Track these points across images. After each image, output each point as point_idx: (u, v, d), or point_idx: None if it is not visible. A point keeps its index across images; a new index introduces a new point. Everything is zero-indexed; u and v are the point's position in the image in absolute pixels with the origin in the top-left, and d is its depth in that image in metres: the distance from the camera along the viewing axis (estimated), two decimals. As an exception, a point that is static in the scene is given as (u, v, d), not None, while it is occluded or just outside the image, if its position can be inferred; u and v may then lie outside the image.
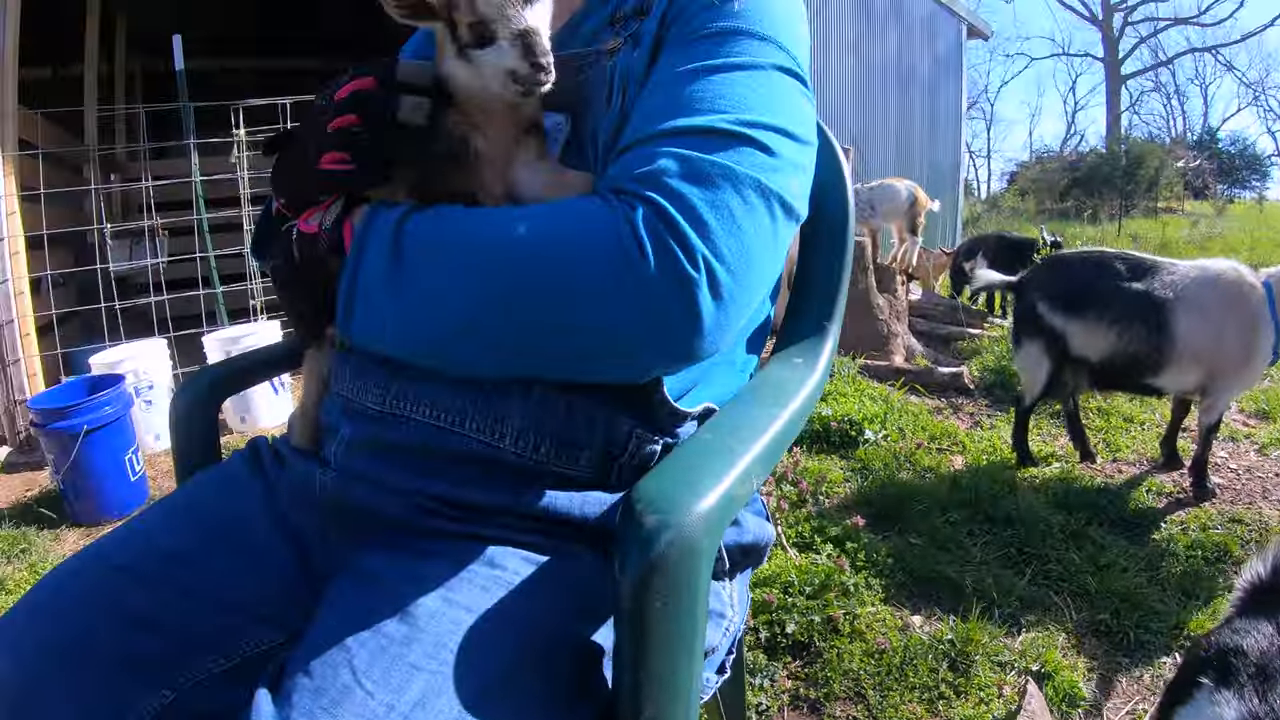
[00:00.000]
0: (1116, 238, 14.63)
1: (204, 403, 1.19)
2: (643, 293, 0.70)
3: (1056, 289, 3.31)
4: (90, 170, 6.17)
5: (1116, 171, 21.14)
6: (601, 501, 0.87)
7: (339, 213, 0.84)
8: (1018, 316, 3.51)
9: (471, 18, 0.79)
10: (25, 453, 4.14)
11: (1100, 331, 3.16)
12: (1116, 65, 31.30)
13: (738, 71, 0.82)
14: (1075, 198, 21.98)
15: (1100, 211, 19.96)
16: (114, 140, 7.78)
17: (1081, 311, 3.21)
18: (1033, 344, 3.38)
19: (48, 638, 0.81)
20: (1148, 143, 24.86)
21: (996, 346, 5.44)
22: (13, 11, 4.14)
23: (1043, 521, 2.86)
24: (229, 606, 0.86)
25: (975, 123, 39.94)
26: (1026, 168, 29.42)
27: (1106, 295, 3.15)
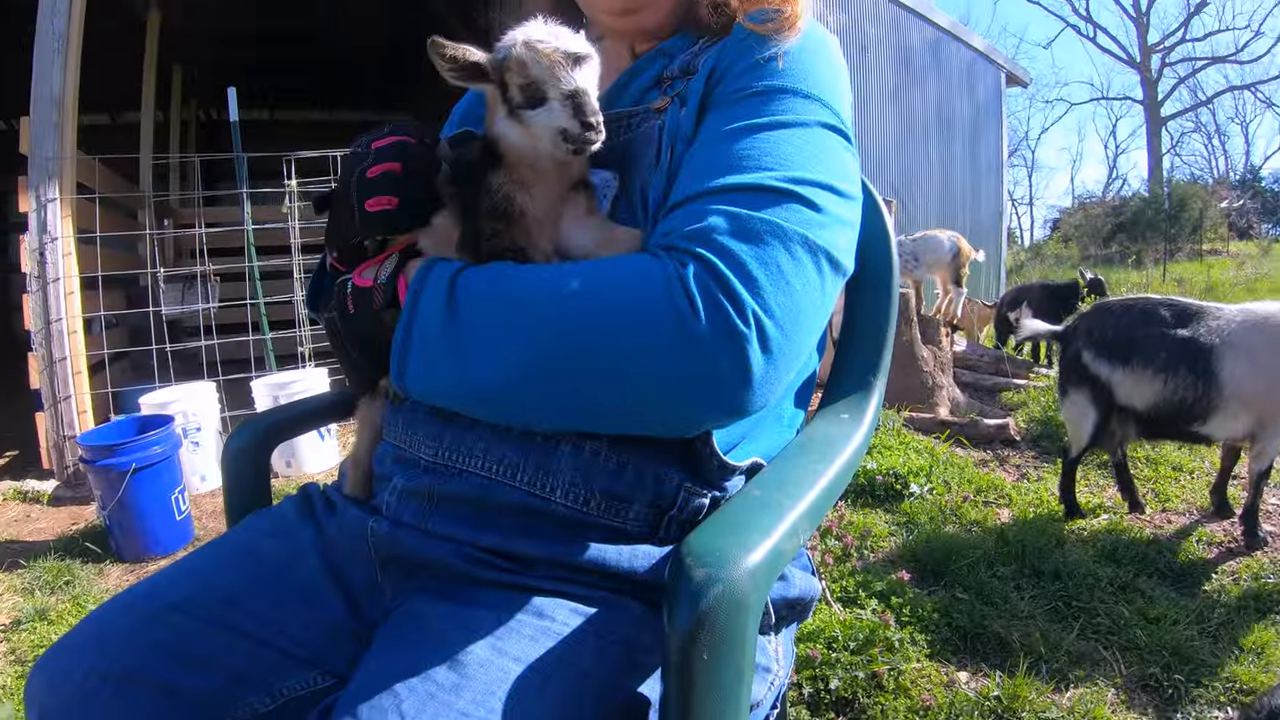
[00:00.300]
0: (1161, 282, 14.39)
1: (256, 448, 1.22)
2: (694, 348, 0.71)
3: (1101, 338, 3.26)
4: (145, 215, 6.40)
5: (1160, 215, 20.85)
6: (650, 555, 0.87)
7: (393, 267, 0.87)
8: (1063, 366, 3.45)
9: (523, 79, 0.82)
10: (72, 487, 4.24)
11: (1146, 379, 3.09)
12: (1156, 107, 31.07)
13: (783, 129, 0.84)
14: (1119, 243, 21.70)
15: (1144, 256, 19.68)
16: (168, 187, 8.06)
17: (1127, 360, 3.15)
18: (1079, 394, 3.32)
19: (97, 669, 0.82)
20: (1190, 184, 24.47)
21: (1043, 397, 5.34)
22: (73, 60, 4.34)
23: (1091, 574, 2.78)
24: (277, 648, 0.88)
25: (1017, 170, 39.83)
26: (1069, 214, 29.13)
27: (1152, 342, 3.10)
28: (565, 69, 0.82)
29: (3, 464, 4.92)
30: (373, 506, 0.97)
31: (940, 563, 2.86)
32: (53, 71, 4.26)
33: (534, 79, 0.82)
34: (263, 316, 5.08)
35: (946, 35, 10.50)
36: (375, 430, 1.01)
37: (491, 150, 0.87)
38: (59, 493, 4.19)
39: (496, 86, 0.85)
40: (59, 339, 4.28)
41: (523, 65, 0.82)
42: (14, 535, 3.67)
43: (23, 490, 4.21)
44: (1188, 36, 30.81)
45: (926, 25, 10.13)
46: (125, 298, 5.70)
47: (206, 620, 0.87)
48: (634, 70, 1.02)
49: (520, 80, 0.82)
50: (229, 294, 5.88)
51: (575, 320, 0.74)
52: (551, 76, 0.82)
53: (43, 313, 4.25)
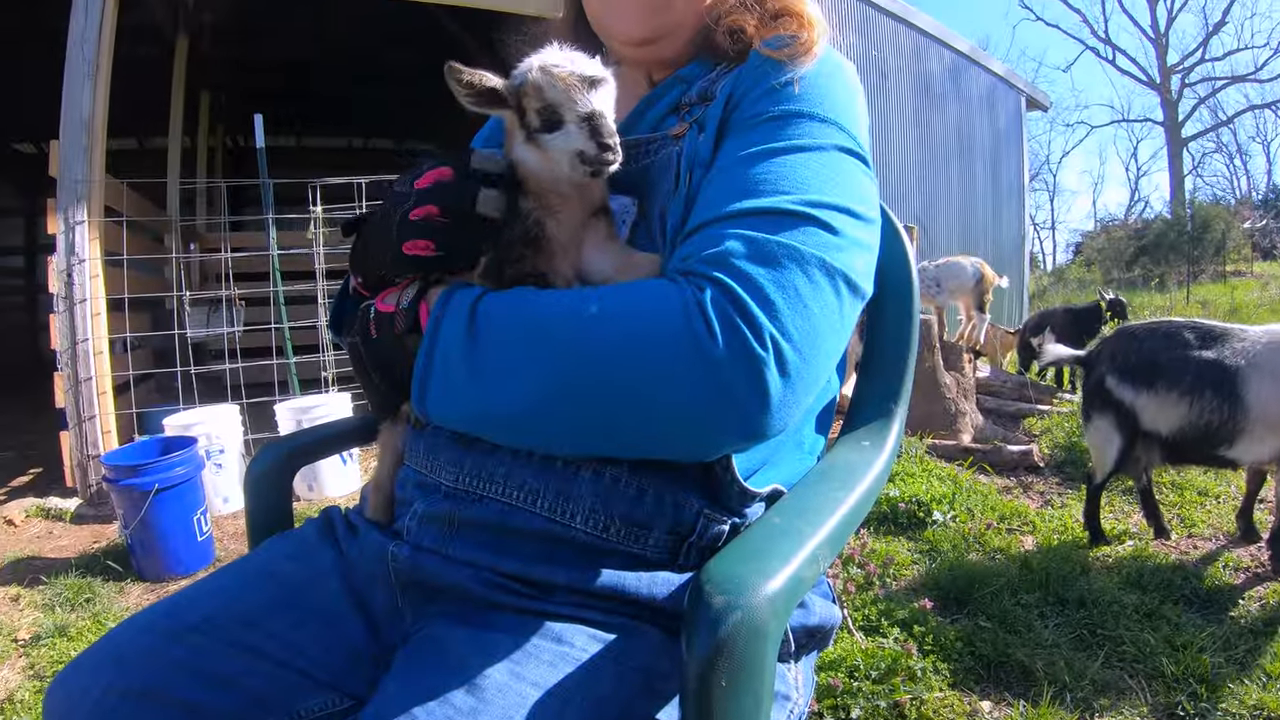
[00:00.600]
0: (1185, 305, 14.23)
1: (279, 471, 1.23)
2: (712, 372, 0.71)
3: (1125, 362, 3.22)
4: (171, 239, 6.49)
5: (1182, 237, 20.66)
6: (669, 582, 0.87)
7: (415, 293, 0.88)
8: (1087, 391, 3.42)
9: (539, 103, 0.84)
10: (95, 506, 4.28)
11: (1170, 404, 3.05)
12: (1177, 128, 30.88)
13: (800, 153, 0.85)
14: (1142, 266, 21.51)
15: (1167, 279, 19.49)
16: (195, 211, 8.20)
17: (1151, 384, 3.12)
18: (1103, 419, 3.28)
19: (115, 686, 0.83)
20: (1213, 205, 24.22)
21: (1066, 423, 5.29)
22: (102, 85, 4.42)
23: (1116, 601, 2.73)
24: (296, 669, 0.88)
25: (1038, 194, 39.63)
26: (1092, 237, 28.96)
27: (1175, 366, 3.06)
28: (581, 92, 0.83)
29: (26, 481, 4.99)
30: (394, 531, 0.97)
31: (963, 591, 2.83)
32: (82, 96, 4.34)
33: (550, 103, 0.83)
34: (287, 341, 5.13)
35: (966, 60, 10.51)
36: (397, 455, 1.02)
37: (511, 175, 0.87)
38: (81, 511, 4.23)
39: (514, 112, 0.86)
40: (85, 359, 4.33)
41: (539, 90, 0.83)
42: (36, 552, 3.71)
43: (46, 508, 4.26)
44: (1207, 56, 30.69)
45: (946, 50, 10.14)
46: (151, 320, 5.78)
47: (227, 640, 0.88)
48: (652, 97, 1.04)
49: (537, 104, 0.84)
50: (253, 318, 5.95)
51: (594, 345, 0.74)
52: (567, 100, 0.83)
53: (69, 333, 4.30)
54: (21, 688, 2.49)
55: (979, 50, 11.00)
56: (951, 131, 10.36)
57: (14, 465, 5.46)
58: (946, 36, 10.13)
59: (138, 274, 5.35)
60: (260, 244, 5.52)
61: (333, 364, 5.22)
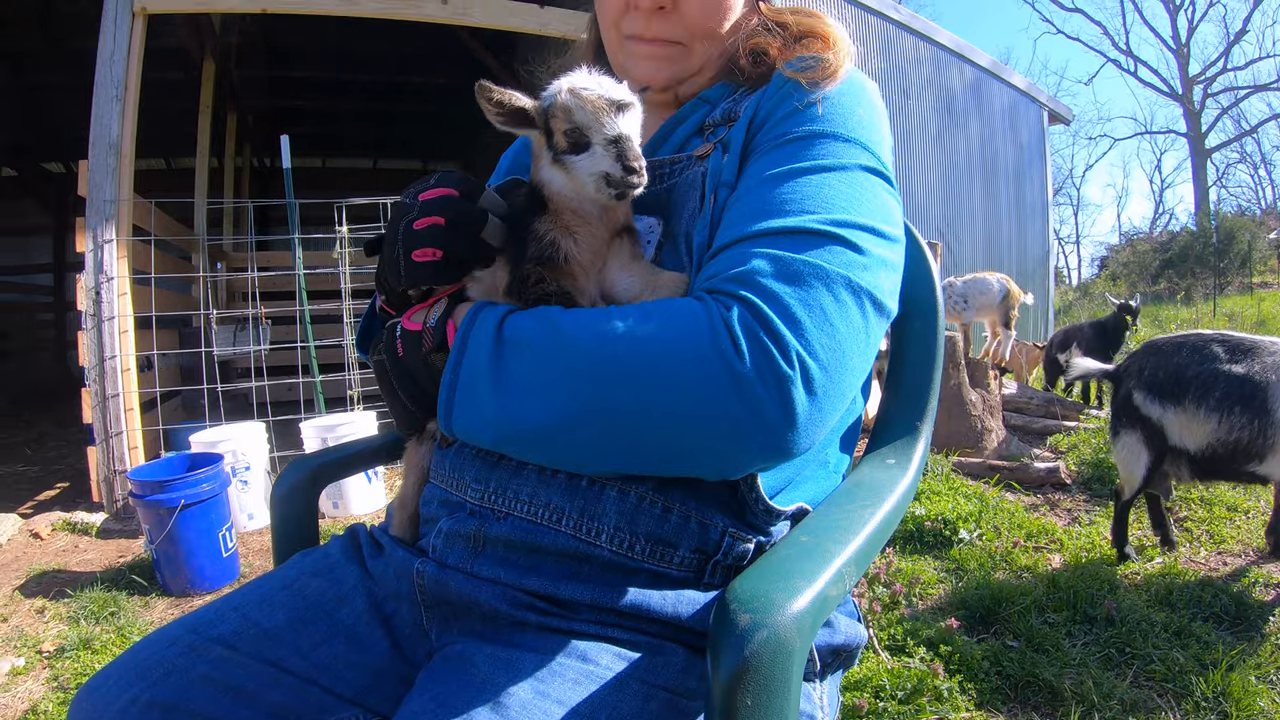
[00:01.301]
0: (1212, 318, 14.03)
1: (305, 488, 1.24)
2: (739, 389, 0.72)
3: (1152, 377, 3.17)
4: (198, 258, 6.59)
5: (1208, 249, 20.40)
6: (694, 600, 0.87)
7: (442, 312, 0.88)
8: (1115, 406, 3.37)
9: (567, 125, 0.84)
10: (121, 520, 4.33)
11: (1199, 420, 3.00)
12: (1200, 139, 30.52)
13: (825, 173, 0.85)
14: (1168, 279, 21.25)
15: (1193, 291, 19.23)
16: (222, 231, 8.32)
17: (1178, 400, 3.07)
18: (1130, 434, 3.24)
19: (140, 698, 0.84)
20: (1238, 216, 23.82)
21: (1093, 439, 5.23)
22: (131, 106, 4.51)
23: (1144, 619, 2.69)
24: (321, 685, 0.89)
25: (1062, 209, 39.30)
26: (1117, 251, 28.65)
27: (1203, 381, 3.01)
28: (609, 115, 0.84)
29: (53, 495, 5.06)
30: (419, 548, 0.98)
31: (990, 610, 2.79)
32: (111, 118, 4.44)
33: (578, 124, 0.84)
34: (313, 359, 5.18)
35: (987, 75, 10.47)
36: (422, 472, 1.02)
37: (537, 196, 0.88)
38: (107, 525, 4.28)
39: (541, 133, 0.87)
40: (112, 376, 4.40)
41: (567, 111, 0.84)
42: (61, 565, 3.75)
43: (72, 521, 4.31)
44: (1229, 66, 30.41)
45: (967, 65, 10.11)
46: (178, 338, 5.87)
47: (251, 655, 0.89)
48: (676, 118, 1.05)
49: (565, 126, 0.84)
50: (280, 336, 6.02)
51: (621, 362, 0.74)
52: (595, 122, 0.83)
53: (97, 350, 4.38)
54: (45, 699, 2.51)
55: (1000, 65, 10.94)
56: (974, 146, 10.31)
57: (41, 479, 5.55)
58: (968, 52, 10.10)
59: (165, 292, 5.43)
60: (286, 263, 5.59)
61: (358, 382, 5.26)
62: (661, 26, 1.03)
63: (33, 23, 7.21)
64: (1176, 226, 30.34)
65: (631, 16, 1.04)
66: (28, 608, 3.28)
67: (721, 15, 1.04)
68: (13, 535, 4.18)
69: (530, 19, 5.27)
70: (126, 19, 4.47)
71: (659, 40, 1.04)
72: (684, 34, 1.04)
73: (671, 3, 1.02)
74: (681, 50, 1.05)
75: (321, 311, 5.70)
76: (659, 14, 1.02)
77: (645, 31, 1.03)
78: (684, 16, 1.03)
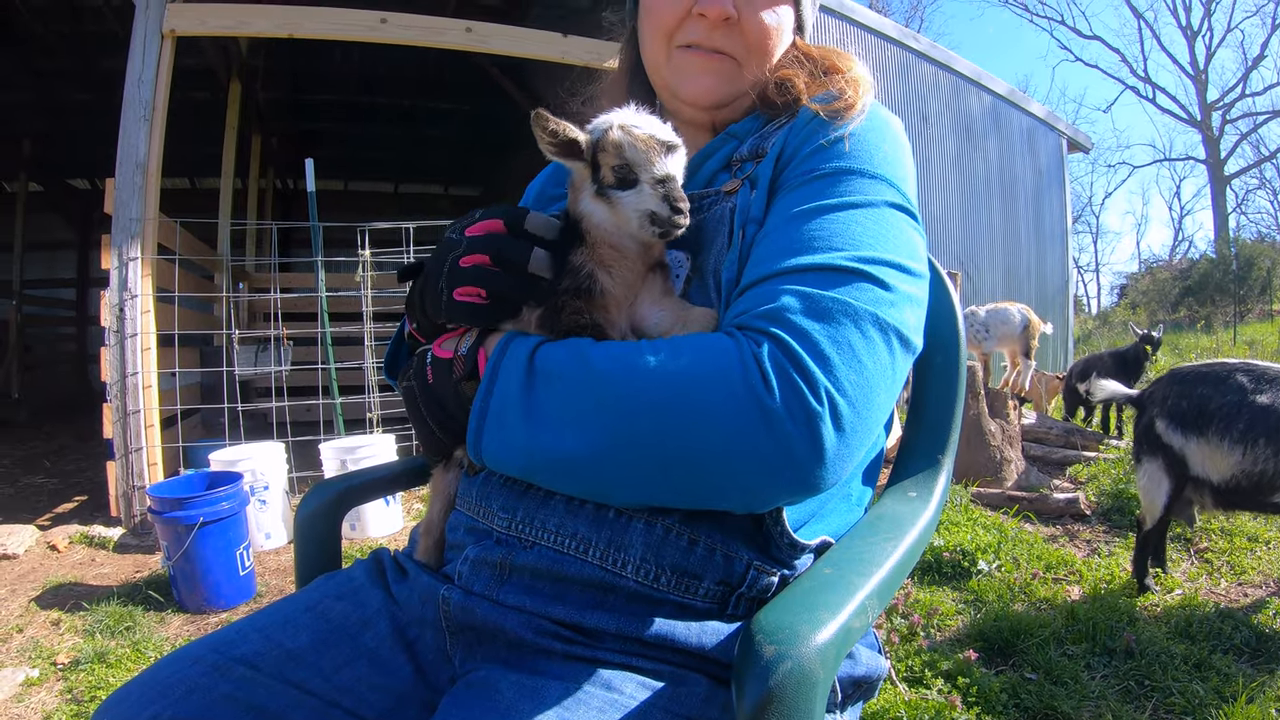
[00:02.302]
0: (1232, 346, 13.90)
1: (329, 512, 1.25)
2: (769, 425, 0.73)
3: (1176, 406, 3.14)
4: (221, 278, 6.67)
5: (1228, 276, 20.24)
6: (719, 631, 0.87)
7: (474, 341, 0.90)
8: (1137, 434, 3.34)
9: (617, 161, 0.86)
10: (139, 536, 4.35)
11: (1223, 451, 2.97)
12: (1220, 165, 30.29)
13: (851, 209, 0.87)
14: (1188, 306, 21.08)
15: (1214, 319, 19.06)
16: (245, 251, 8.42)
17: (1201, 430, 3.03)
18: (1152, 463, 3.21)
19: (163, 715, 0.84)
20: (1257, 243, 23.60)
21: (1114, 470, 5.19)
22: (158, 126, 4.58)
23: (1164, 652, 2.66)
24: (342, 708, 0.89)
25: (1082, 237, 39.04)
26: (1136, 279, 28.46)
27: (1227, 412, 2.97)
28: (659, 154, 0.86)
29: (71, 508, 5.09)
30: (444, 574, 0.98)
31: (1008, 641, 2.77)
32: (138, 137, 4.51)
33: (628, 161, 0.86)
34: (333, 381, 5.21)
35: (1006, 103, 10.48)
36: (448, 499, 1.03)
37: (575, 228, 0.90)
38: (125, 540, 4.31)
39: (587, 165, 0.89)
40: (134, 392, 4.44)
41: (618, 148, 0.86)
42: (78, 578, 3.78)
43: (89, 535, 4.34)
44: (1247, 91, 30.16)
45: (986, 94, 10.12)
46: (199, 356, 5.93)
47: (274, 676, 0.89)
48: (705, 153, 1.06)
49: (615, 161, 0.86)
50: (300, 357, 6.06)
51: (652, 396, 0.76)
52: (645, 161, 0.85)
53: (119, 366, 4.42)
54: (59, 710, 2.53)
55: (1018, 92, 10.96)
56: (994, 175, 10.30)
57: (60, 492, 5.59)
58: (986, 80, 10.13)
59: (188, 311, 5.49)
60: (308, 285, 5.65)
61: (378, 405, 5.28)
62: (723, 39, 1.04)
63: (62, 42, 7.37)
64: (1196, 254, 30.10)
65: (692, 24, 1.05)
66: (43, 619, 3.30)
67: (777, 38, 1.06)
68: (30, 546, 4.21)
69: (551, 47, 5.33)
70: (155, 41, 4.56)
71: (716, 53, 1.05)
72: (741, 50, 1.05)
73: (736, 15, 1.03)
74: (735, 67, 1.06)
75: (342, 334, 5.74)
76: (723, 25, 1.03)
77: (706, 40, 1.04)
78: (745, 32, 1.04)
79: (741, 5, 1.03)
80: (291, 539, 4.02)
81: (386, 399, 5.17)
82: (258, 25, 5.00)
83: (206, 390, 5.90)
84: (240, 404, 4.89)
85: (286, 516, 4.28)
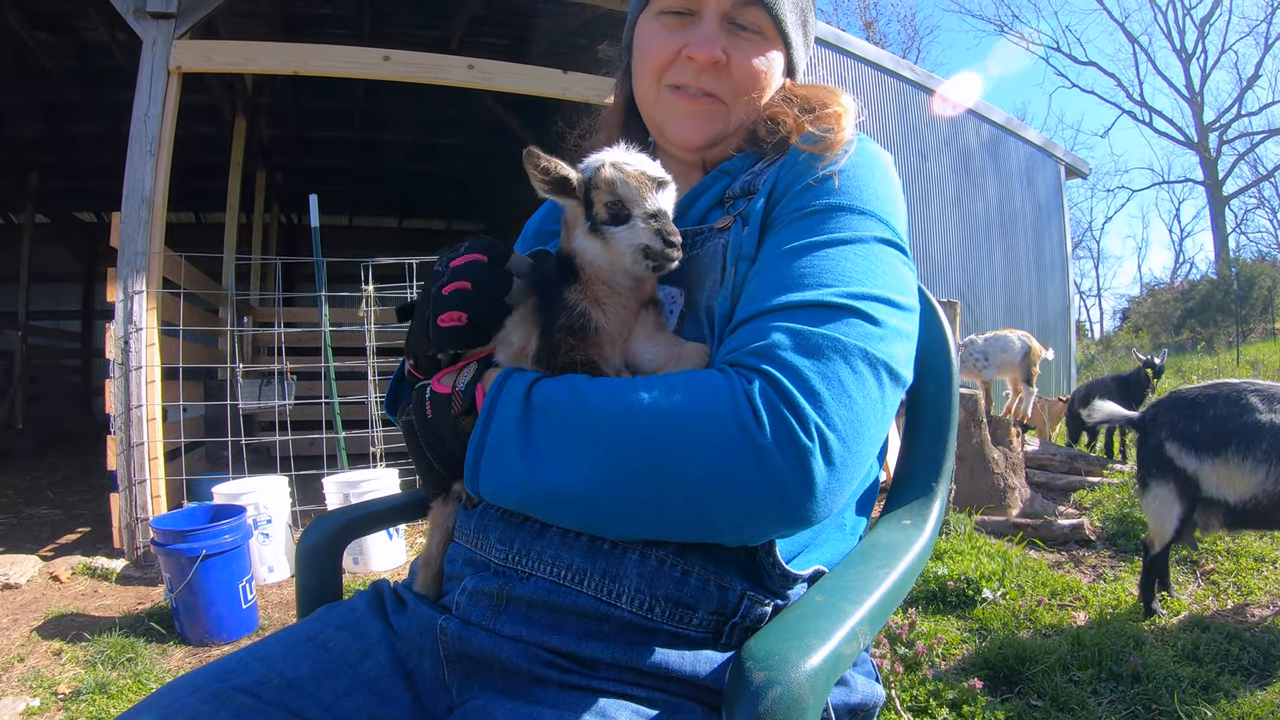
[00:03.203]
0: (1235, 366, 13.87)
1: (330, 544, 1.26)
2: (760, 460, 0.74)
3: (1187, 429, 3.12)
4: (226, 311, 6.72)
5: (1229, 296, 20.25)
6: (712, 660, 0.88)
7: (472, 376, 0.92)
8: (1143, 458, 3.32)
9: (610, 197, 0.88)
10: (141, 568, 4.34)
11: (1244, 472, 2.95)
12: (1218, 186, 30.24)
13: (842, 246, 0.89)
14: (1190, 328, 21.07)
15: (1216, 340, 19.04)
16: (249, 286, 8.47)
17: (1218, 452, 3.01)
18: (1162, 487, 3.18)
19: None
20: (1258, 262, 23.61)
21: (1118, 494, 5.18)
22: (164, 161, 4.64)
23: (1171, 675, 2.65)
24: None
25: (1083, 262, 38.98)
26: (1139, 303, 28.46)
27: (1246, 433, 2.96)
28: (651, 190, 0.88)
29: (74, 539, 5.09)
30: (443, 605, 1.00)
31: (1014, 669, 2.75)
32: (145, 172, 4.56)
33: (621, 198, 0.88)
34: (336, 415, 5.23)
35: (1003, 131, 10.55)
36: (447, 532, 1.04)
37: (567, 266, 0.92)
38: (128, 572, 4.31)
39: (580, 203, 0.91)
40: (138, 424, 4.45)
41: (611, 184, 0.88)
42: (80, 609, 3.77)
43: (92, 566, 4.34)
44: (1243, 112, 30.21)
45: (983, 123, 10.20)
46: (203, 389, 5.95)
47: (274, 704, 0.90)
48: (698, 190, 1.08)
49: (607, 198, 0.88)
50: (304, 392, 6.08)
51: (646, 432, 0.77)
52: (638, 196, 0.88)
53: (124, 398, 4.44)
54: (59, 742, 2.52)
55: (1015, 121, 11.05)
56: (992, 202, 10.33)
57: (63, 523, 5.60)
58: (983, 109, 10.21)
59: (192, 344, 5.51)
60: (312, 319, 5.68)
61: (381, 440, 5.28)
62: (710, 81, 1.06)
63: (71, 76, 7.48)
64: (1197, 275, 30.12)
65: (681, 66, 1.07)
66: (45, 649, 3.30)
67: (765, 81, 1.08)
68: (33, 576, 4.21)
69: (552, 84, 5.40)
70: (162, 77, 4.63)
71: (704, 95, 1.07)
72: (728, 92, 1.07)
73: (725, 59, 1.05)
74: (723, 109, 1.08)
75: (346, 368, 5.77)
76: (711, 68, 1.05)
77: (694, 82, 1.06)
78: (733, 76, 1.06)
79: (730, 49, 1.05)
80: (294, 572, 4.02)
81: (389, 434, 5.17)
82: (263, 62, 5.08)
83: (210, 423, 5.91)
84: (244, 438, 4.91)
85: (289, 550, 4.27)
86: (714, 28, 1.05)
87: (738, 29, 1.06)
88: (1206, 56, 30.03)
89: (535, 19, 6.80)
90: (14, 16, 6.22)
